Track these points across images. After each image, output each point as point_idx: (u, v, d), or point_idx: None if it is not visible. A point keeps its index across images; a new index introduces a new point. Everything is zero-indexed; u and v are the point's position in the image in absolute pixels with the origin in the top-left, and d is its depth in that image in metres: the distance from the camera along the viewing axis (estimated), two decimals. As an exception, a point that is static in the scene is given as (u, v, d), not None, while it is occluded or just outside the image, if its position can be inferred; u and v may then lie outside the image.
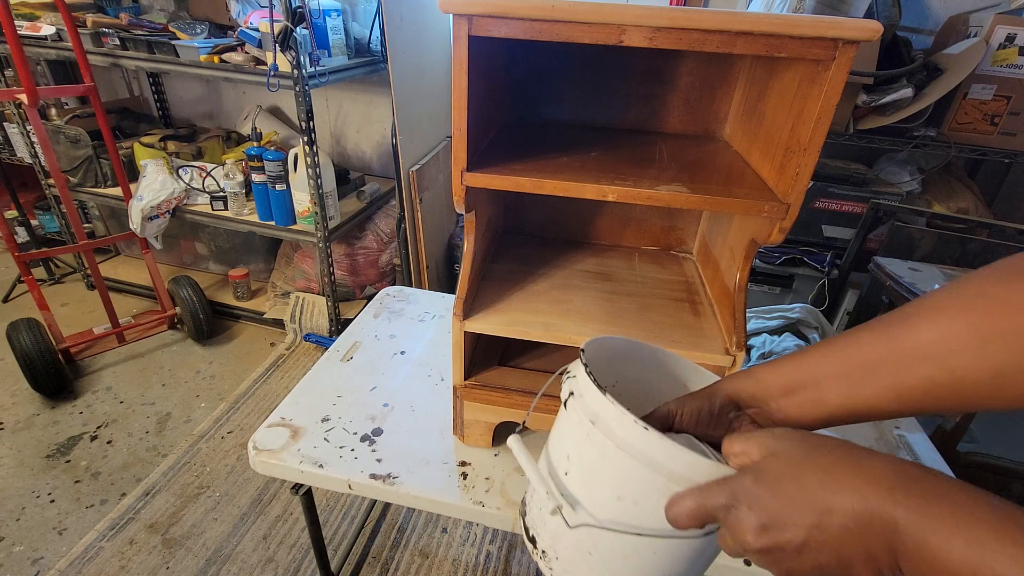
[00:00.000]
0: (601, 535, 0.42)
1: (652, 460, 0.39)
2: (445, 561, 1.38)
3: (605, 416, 0.41)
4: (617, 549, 0.42)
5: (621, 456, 0.40)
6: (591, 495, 0.43)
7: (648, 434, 0.39)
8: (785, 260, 1.92)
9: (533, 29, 0.58)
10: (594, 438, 0.42)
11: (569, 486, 0.44)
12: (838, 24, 0.56)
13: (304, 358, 2.10)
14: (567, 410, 0.47)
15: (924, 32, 1.75)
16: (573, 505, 0.43)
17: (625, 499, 0.41)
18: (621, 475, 0.41)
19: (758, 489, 0.34)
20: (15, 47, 1.59)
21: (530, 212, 1.04)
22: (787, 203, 0.65)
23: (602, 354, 0.52)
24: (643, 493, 0.40)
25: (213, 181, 2.03)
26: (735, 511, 0.34)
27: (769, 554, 0.33)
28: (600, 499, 0.42)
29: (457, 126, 0.64)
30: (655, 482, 0.39)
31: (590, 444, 0.43)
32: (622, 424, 0.40)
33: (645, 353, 0.55)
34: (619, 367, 0.54)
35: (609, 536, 0.42)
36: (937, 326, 0.37)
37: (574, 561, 0.45)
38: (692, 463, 0.38)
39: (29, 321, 1.80)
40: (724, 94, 0.90)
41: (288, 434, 0.89)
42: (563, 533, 0.45)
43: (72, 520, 1.45)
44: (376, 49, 2.00)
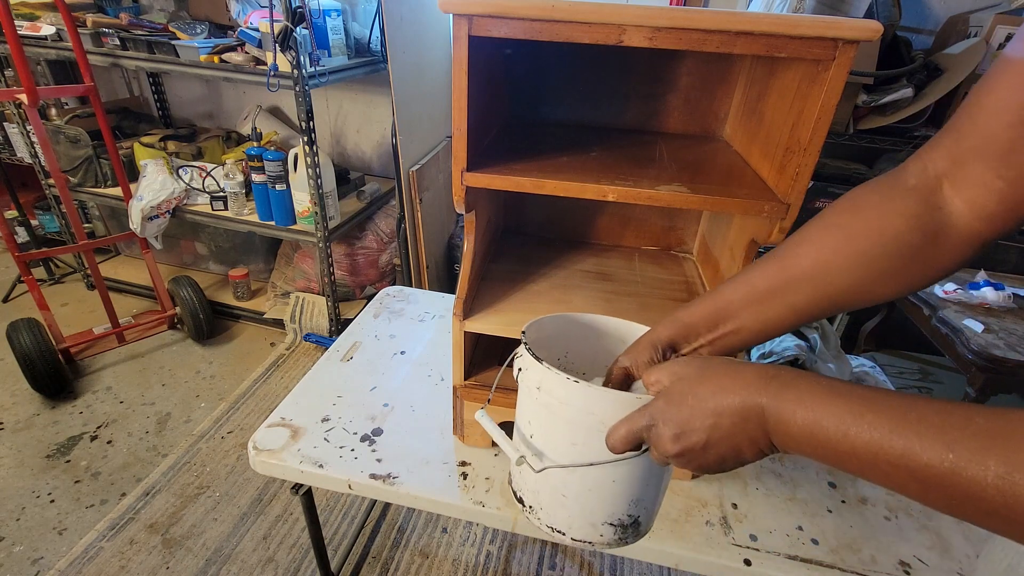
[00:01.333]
0: (566, 475, 0.52)
1: (585, 406, 0.48)
2: (445, 561, 1.38)
3: (545, 380, 0.51)
4: (583, 486, 0.52)
5: (564, 409, 0.50)
6: (551, 446, 0.53)
7: (576, 385, 0.48)
8: (785, 260, 1.92)
9: (533, 29, 0.58)
10: (541, 400, 0.51)
11: (535, 444, 0.54)
12: (838, 24, 0.56)
13: (304, 358, 2.10)
14: (520, 383, 0.56)
15: (924, 32, 1.75)
16: (539, 456, 0.53)
17: (577, 443, 0.50)
18: (567, 424, 0.50)
19: (669, 408, 0.43)
20: (15, 47, 1.58)
21: (530, 212, 1.04)
22: (787, 203, 0.65)
23: (546, 332, 0.62)
24: (588, 435, 0.49)
25: (213, 181, 2.03)
26: (655, 428, 0.43)
27: (683, 456, 0.42)
28: (559, 448, 0.52)
29: (457, 126, 0.64)
30: (592, 423, 0.48)
31: (540, 406, 0.52)
32: (557, 383, 0.49)
33: (584, 323, 0.64)
34: (565, 342, 0.65)
35: (573, 475, 0.52)
36: (813, 253, 0.48)
37: (553, 506, 0.54)
38: (613, 399, 0.47)
39: (29, 321, 1.80)
40: (724, 94, 0.90)
41: (288, 434, 0.88)
42: (535, 481, 0.54)
43: (72, 520, 1.45)
44: (376, 49, 2.00)
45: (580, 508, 0.53)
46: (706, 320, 0.53)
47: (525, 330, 0.58)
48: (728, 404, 0.40)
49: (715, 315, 0.52)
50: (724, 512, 0.80)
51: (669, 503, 0.81)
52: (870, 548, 0.76)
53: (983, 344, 1.27)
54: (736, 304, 0.52)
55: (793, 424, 0.37)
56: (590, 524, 0.54)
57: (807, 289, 0.48)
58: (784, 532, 0.78)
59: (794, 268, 0.49)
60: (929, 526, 0.80)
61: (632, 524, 0.54)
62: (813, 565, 0.73)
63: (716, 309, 0.52)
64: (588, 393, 0.48)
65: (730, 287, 0.53)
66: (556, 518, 0.55)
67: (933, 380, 1.78)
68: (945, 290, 1.46)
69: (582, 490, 0.52)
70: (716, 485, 0.85)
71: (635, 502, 0.53)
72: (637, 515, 0.53)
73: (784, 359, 0.98)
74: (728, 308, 0.52)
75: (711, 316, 0.53)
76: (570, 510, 0.53)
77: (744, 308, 0.51)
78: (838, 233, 0.47)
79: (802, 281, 0.49)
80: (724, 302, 0.52)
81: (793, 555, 0.74)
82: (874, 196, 0.47)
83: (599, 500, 0.52)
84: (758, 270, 0.52)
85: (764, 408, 0.38)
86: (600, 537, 0.54)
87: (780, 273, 0.50)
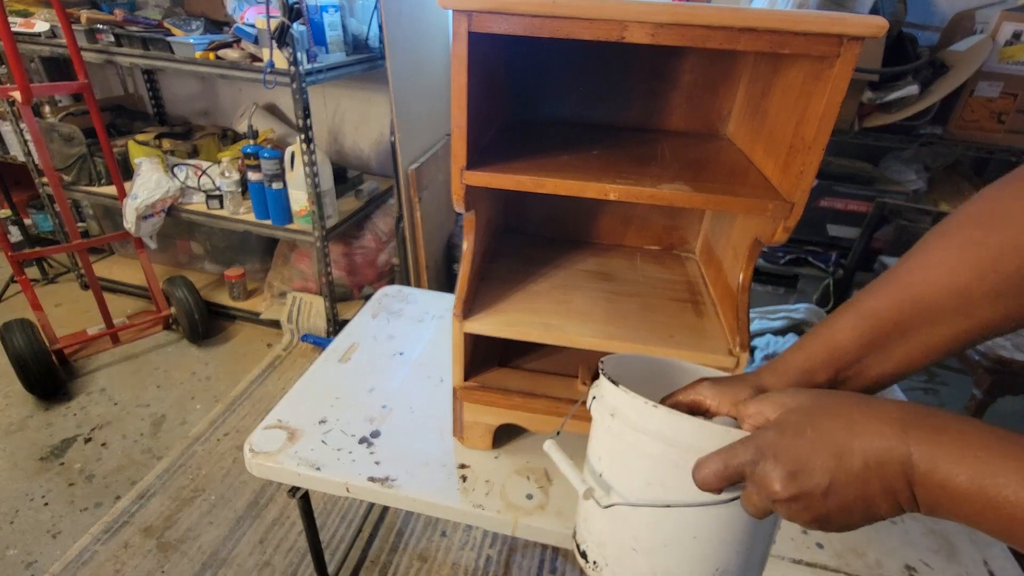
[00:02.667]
0: (637, 524, 0.44)
1: (665, 435, 0.41)
2: (444, 565, 1.37)
3: (620, 405, 0.45)
4: (657, 539, 0.44)
5: (640, 438, 0.43)
6: (624, 483, 0.45)
7: (656, 411, 0.41)
8: (789, 260, 1.91)
9: (533, 25, 0.57)
10: (615, 429, 0.45)
11: (606, 481, 0.47)
12: (843, 20, 0.55)
13: (301, 359, 2.09)
14: (593, 413, 0.50)
15: (930, 28, 1.74)
16: (607, 491, 0.46)
17: (653, 482, 0.43)
18: (644, 458, 0.43)
19: (781, 441, 0.35)
20: (8, 43, 1.57)
21: (530, 211, 1.03)
22: (791, 202, 0.64)
23: (621, 372, 0.53)
24: (668, 473, 0.42)
25: (209, 179, 2.02)
26: (761, 464, 0.36)
27: (797, 501, 0.34)
28: (633, 486, 0.45)
29: (456, 124, 0.63)
30: (673, 457, 0.41)
31: (613, 436, 0.46)
32: (634, 407, 0.43)
33: (659, 367, 0.57)
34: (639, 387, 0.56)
35: (646, 524, 0.44)
36: (946, 278, 0.39)
37: (620, 563, 0.46)
38: (702, 430, 0.40)
39: (22, 322, 1.79)
40: (727, 91, 0.89)
41: (285, 436, 0.87)
42: (601, 530, 0.47)
43: (66, 523, 1.44)
44: (374, 46, 1.99)
45: (651, 568, 0.44)
46: (822, 364, 0.44)
47: (603, 360, 0.53)
48: (861, 445, 0.33)
49: (830, 358, 0.44)
50: (727, 516, 0.79)
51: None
52: (875, 552, 0.75)
53: (989, 345, 1.26)
54: (855, 344, 0.43)
55: (954, 481, 0.30)
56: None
57: (944, 325, 0.40)
58: (788, 536, 0.77)
59: (925, 299, 0.40)
60: (935, 530, 0.79)
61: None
62: (818, 569, 0.72)
63: (831, 350, 0.44)
64: (671, 421, 0.41)
65: (845, 322, 0.44)
66: None
67: (939, 382, 1.77)
68: (948, 290, 1.45)
69: (656, 544, 0.44)
70: (719, 488, 0.83)
71: (722, 571, 0.43)
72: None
73: (787, 360, 0.97)
74: (846, 349, 0.44)
75: (826, 359, 0.44)
76: (640, 569, 0.45)
77: (866, 350, 0.43)
78: (977, 252, 0.38)
79: (937, 315, 0.40)
80: (840, 342, 0.44)
81: (798, 559, 0.73)
82: (1018, 203, 0.38)
83: (676, 560, 0.43)
84: (877, 301, 0.43)
85: (911, 456, 0.31)
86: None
87: (906, 305, 0.41)
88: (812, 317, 1.05)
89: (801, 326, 1.04)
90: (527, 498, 0.79)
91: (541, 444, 0.88)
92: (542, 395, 0.82)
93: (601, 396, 0.48)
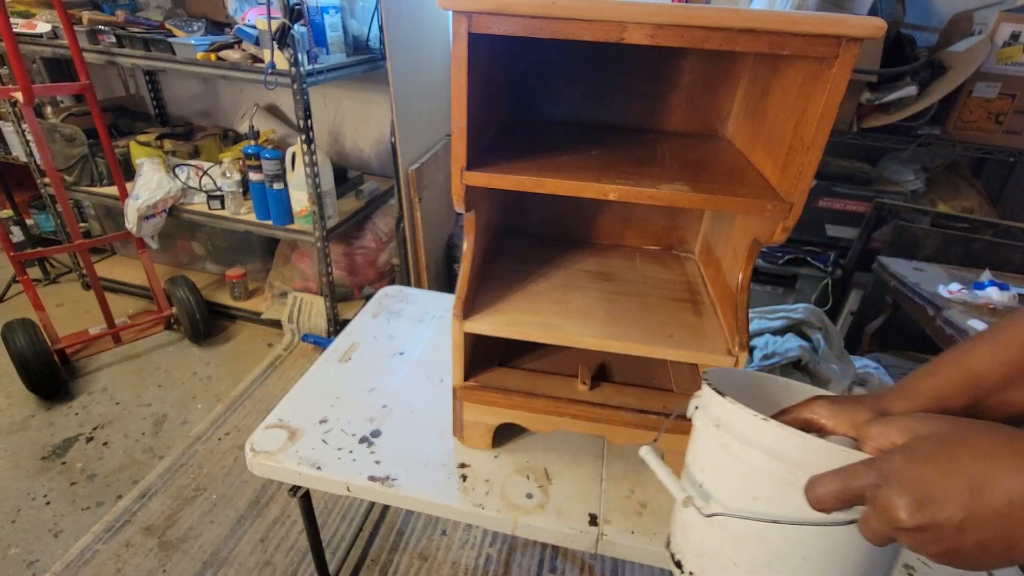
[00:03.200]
0: (740, 533, 0.42)
1: (775, 450, 0.40)
2: (444, 564, 1.37)
3: (726, 417, 0.44)
4: (760, 555, 0.41)
5: (748, 452, 0.41)
6: (728, 497, 0.44)
7: (768, 424, 0.40)
8: (788, 260, 1.91)
9: (533, 26, 0.57)
10: (720, 440, 0.44)
11: (707, 492, 0.46)
12: (841, 21, 0.55)
13: (302, 359, 2.09)
14: (695, 423, 0.49)
15: (928, 29, 1.74)
16: (707, 501, 0.45)
17: (760, 498, 0.41)
18: (751, 472, 0.42)
19: (910, 467, 0.33)
20: (10, 44, 1.57)
21: (530, 211, 1.03)
22: (790, 202, 0.65)
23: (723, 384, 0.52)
24: (776, 488, 0.40)
25: (210, 180, 2.02)
26: (885, 489, 0.33)
27: (925, 532, 0.32)
28: (737, 499, 0.43)
29: (457, 124, 0.63)
30: (782, 472, 0.39)
31: (718, 447, 0.45)
32: (742, 419, 0.41)
33: (759, 382, 0.56)
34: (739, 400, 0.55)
35: (749, 535, 0.42)
36: None
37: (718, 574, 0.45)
38: (816, 447, 0.38)
39: (24, 321, 1.79)
40: (726, 92, 0.89)
41: (286, 436, 0.87)
42: (700, 540, 0.45)
43: (68, 522, 1.44)
44: (375, 46, 1.99)
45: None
46: (958, 391, 0.41)
47: (707, 372, 0.52)
48: (1007, 480, 0.30)
49: (967, 385, 0.41)
50: (726, 515, 0.79)
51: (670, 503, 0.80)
52: (874, 551, 0.75)
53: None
54: (997, 373, 0.40)
55: None
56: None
57: None
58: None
59: None
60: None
61: None
62: (817, 569, 0.72)
63: (968, 376, 0.41)
64: (783, 436, 0.39)
65: (984, 349, 0.42)
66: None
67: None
68: (950, 290, 1.45)
69: (759, 561, 0.41)
70: (718, 488, 0.84)
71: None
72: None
73: (787, 359, 0.97)
74: (986, 377, 0.41)
75: (962, 386, 0.41)
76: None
77: (1011, 380, 0.40)
78: None
79: None
80: (979, 369, 0.41)
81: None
82: None
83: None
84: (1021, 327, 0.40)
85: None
86: None
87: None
88: (811, 317, 1.05)
89: (800, 326, 1.05)
90: (527, 497, 0.80)
91: (541, 443, 0.89)
92: (542, 395, 0.82)
93: (705, 406, 0.47)
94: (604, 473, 0.85)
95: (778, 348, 0.99)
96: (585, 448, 0.89)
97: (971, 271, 1.58)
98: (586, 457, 0.87)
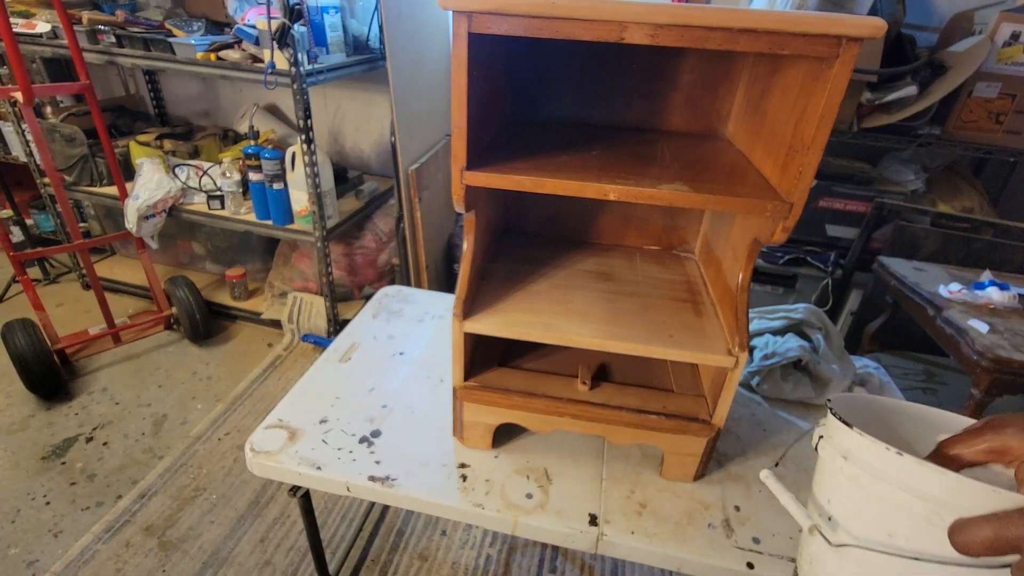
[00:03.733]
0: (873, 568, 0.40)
1: (912, 487, 0.37)
2: (444, 564, 1.37)
3: (856, 449, 0.42)
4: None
5: (880, 486, 0.40)
6: (860, 530, 0.42)
7: (902, 459, 0.38)
8: (788, 260, 1.91)
9: (533, 26, 0.57)
10: (849, 472, 0.42)
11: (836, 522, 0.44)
12: (842, 21, 0.55)
13: (302, 359, 2.09)
14: (820, 453, 0.47)
15: (928, 29, 1.74)
16: (834, 530, 0.43)
17: (896, 535, 0.39)
18: (886, 507, 0.40)
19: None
20: (10, 44, 1.57)
21: (530, 211, 1.03)
22: (790, 202, 0.64)
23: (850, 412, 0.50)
24: (915, 526, 0.38)
25: (210, 180, 2.02)
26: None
27: None
28: (871, 535, 0.41)
29: (457, 124, 0.63)
30: (922, 510, 0.37)
31: (845, 478, 0.43)
32: (875, 453, 0.40)
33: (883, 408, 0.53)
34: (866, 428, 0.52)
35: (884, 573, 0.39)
36: None
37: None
38: (961, 487, 0.35)
39: (24, 322, 1.79)
40: (726, 92, 0.89)
41: (286, 436, 0.87)
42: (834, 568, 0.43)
43: (67, 523, 1.44)
44: (375, 46, 1.99)
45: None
46: None
47: (832, 399, 0.50)
48: None
49: None
50: (727, 515, 0.79)
51: (671, 505, 0.80)
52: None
53: (988, 345, 1.26)
54: None
55: None
56: None
57: None
58: (787, 535, 0.77)
59: None
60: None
61: None
62: (817, 569, 0.72)
63: None
64: (922, 472, 0.37)
65: None
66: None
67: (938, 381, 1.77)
68: (950, 290, 1.45)
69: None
70: (718, 487, 0.84)
71: None
72: None
73: (787, 360, 0.97)
74: None
75: None
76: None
77: None
78: None
79: None
80: None
81: (795, 558, 0.74)
82: None
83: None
84: None
85: None
86: None
87: None
88: (811, 317, 1.05)
89: (800, 326, 1.04)
90: (527, 497, 0.80)
91: (541, 443, 0.89)
92: (542, 395, 0.82)
93: (830, 436, 0.45)
94: (604, 473, 0.85)
95: (778, 348, 0.99)
96: (585, 448, 0.89)
97: (971, 271, 1.58)
98: (586, 457, 0.87)
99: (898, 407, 0.53)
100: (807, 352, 0.98)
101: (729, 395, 0.75)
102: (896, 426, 0.52)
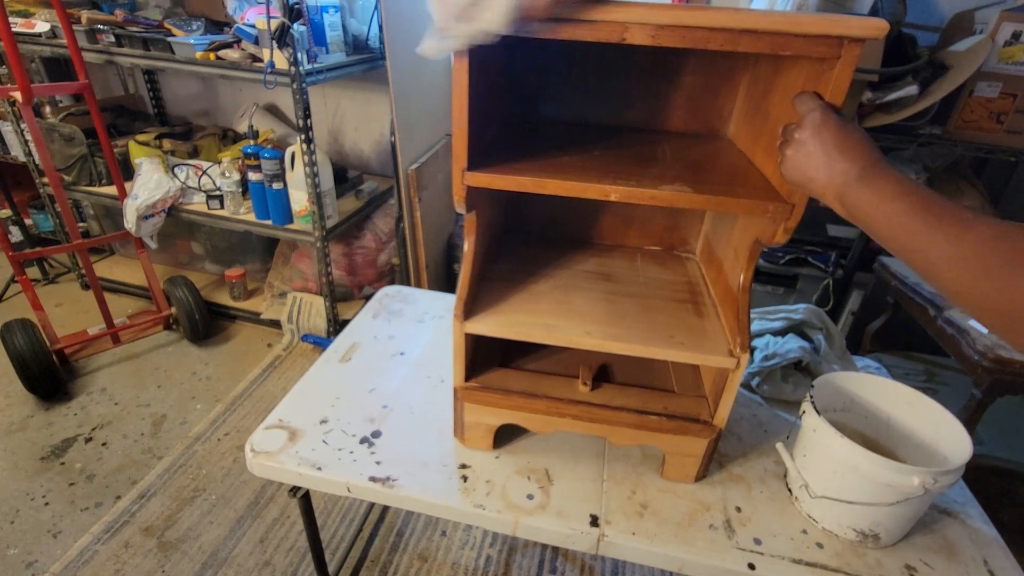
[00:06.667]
0: None
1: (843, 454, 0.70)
2: (444, 565, 1.37)
3: (817, 426, 0.74)
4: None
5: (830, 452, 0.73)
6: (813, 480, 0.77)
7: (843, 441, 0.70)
8: (789, 260, 1.91)
9: (535, 26, 0.57)
10: (815, 440, 0.76)
11: None
12: (843, 22, 0.55)
13: (302, 359, 2.09)
14: (802, 423, 0.78)
15: (929, 29, 1.74)
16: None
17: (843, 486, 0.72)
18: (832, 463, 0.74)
19: (811, 132, 0.56)
20: (9, 44, 1.57)
21: (531, 211, 1.03)
22: (791, 203, 0.65)
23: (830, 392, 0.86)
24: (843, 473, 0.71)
25: (209, 180, 2.02)
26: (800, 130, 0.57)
27: (790, 145, 0.58)
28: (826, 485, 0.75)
29: (457, 124, 0.63)
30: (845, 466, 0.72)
31: (815, 445, 0.76)
32: (828, 433, 0.73)
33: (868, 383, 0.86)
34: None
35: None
36: None
37: None
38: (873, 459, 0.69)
39: (23, 322, 1.79)
40: (728, 92, 0.89)
41: (286, 436, 0.87)
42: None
43: (67, 523, 1.44)
44: (375, 46, 1.99)
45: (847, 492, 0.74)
46: None
47: (815, 383, 0.80)
48: (843, 158, 0.54)
49: None
50: (728, 515, 0.79)
51: (672, 506, 0.80)
52: (875, 552, 0.75)
53: (989, 345, 1.26)
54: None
55: (860, 199, 0.52)
56: None
57: None
58: (788, 536, 0.77)
59: None
60: (935, 529, 0.80)
61: None
62: (818, 569, 0.72)
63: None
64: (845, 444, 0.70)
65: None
66: None
67: (939, 381, 1.77)
68: (949, 290, 1.45)
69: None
70: (720, 488, 0.84)
71: None
72: None
73: (788, 361, 0.97)
74: None
75: None
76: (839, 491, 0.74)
77: None
78: None
79: None
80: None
81: (798, 559, 0.73)
82: None
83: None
84: None
85: (851, 178, 0.54)
86: None
87: None
88: (812, 317, 1.05)
89: (801, 326, 1.04)
90: (528, 498, 0.80)
91: (541, 444, 0.88)
92: (543, 395, 0.82)
93: (809, 413, 0.76)
94: (605, 474, 0.85)
95: (779, 349, 0.99)
96: (586, 449, 0.89)
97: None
98: (587, 458, 0.87)
99: (872, 382, 0.83)
100: (808, 353, 0.98)
101: (730, 396, 0.75)
102: (873, 399, 0.84)
